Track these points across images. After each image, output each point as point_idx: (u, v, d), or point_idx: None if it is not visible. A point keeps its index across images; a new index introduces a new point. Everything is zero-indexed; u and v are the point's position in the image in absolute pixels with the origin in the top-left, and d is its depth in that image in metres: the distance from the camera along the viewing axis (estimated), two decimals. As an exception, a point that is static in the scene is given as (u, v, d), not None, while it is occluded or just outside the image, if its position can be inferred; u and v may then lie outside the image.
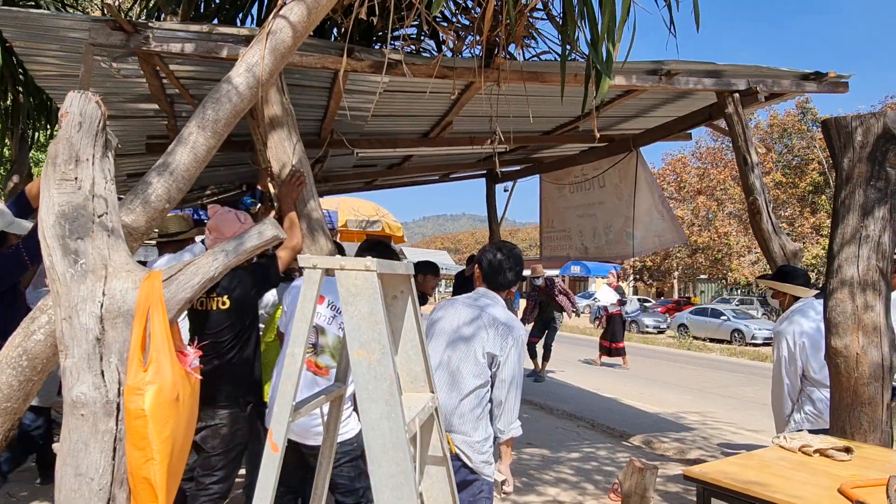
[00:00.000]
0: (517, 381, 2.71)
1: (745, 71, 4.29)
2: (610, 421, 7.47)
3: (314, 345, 2.90)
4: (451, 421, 2.68)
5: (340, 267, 1.41)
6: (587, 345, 20.42)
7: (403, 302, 1.77)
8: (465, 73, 3.61)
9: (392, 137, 5.63)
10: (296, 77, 4.25)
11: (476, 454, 2.68)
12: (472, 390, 2.68)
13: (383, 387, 1.38)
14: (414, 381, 1.78)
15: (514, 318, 2.83)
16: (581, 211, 7.26)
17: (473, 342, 2.70)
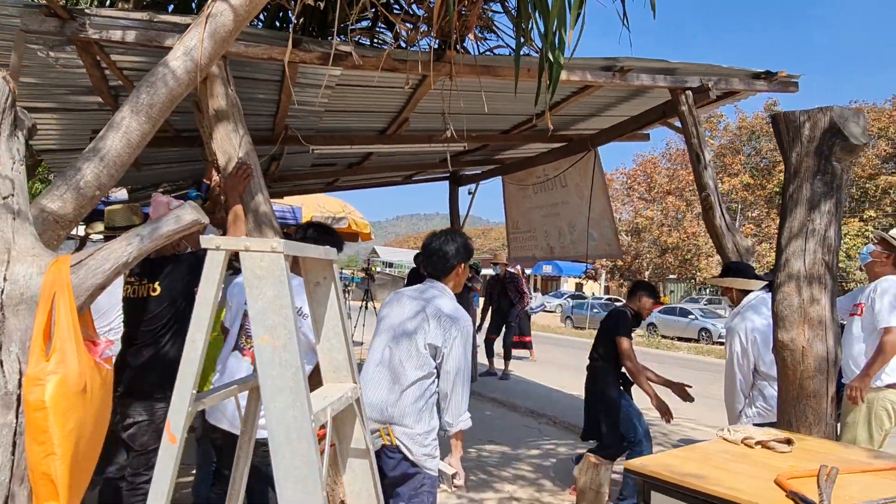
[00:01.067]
0: (463, 372, 2.67)
1: (698, 69, 4.30)
2: (572, 418, 7.45)
3: None
4: (392, 413, 2.63)
5: (245, 248, 1.33)
6: (558, 344, 20.52)
7: (326, 288, 1.70)
8: (416, 66, 3.52)
9: (348, 134, 5.54)
10: (246, 70, 4.13)
11: (418, 447, 2.63)
12: (413, 382, 2.64)
13: (288, 374, 1.30)
14: (336, 371, 1.71)
15: (459, 309, 2.77)
16: (545, 211, 7.24)
17: (416, 334, 2.67)
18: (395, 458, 2.65)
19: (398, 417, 2.63)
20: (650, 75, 4.23)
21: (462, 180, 9.87)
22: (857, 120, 3.15)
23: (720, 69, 4.33)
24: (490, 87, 4.50)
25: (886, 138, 27.44)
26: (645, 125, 4.96)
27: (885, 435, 3.68)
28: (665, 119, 4.58)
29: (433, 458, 2.69)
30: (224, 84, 3.44)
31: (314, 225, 3.10)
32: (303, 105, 4.65)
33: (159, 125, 2.97)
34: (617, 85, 4.20)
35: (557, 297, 40.77)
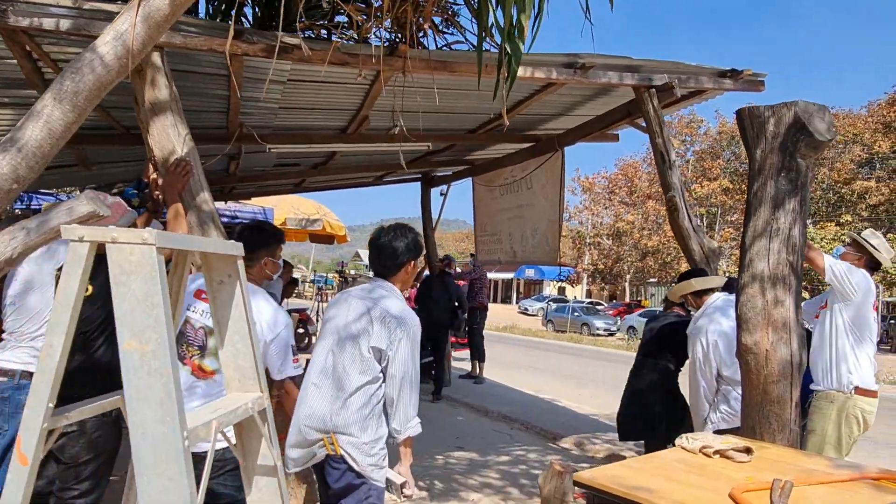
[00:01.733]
0: (410, 376, 2.51)
1: (663, 67, 4.20)
2: (545, 423, 7.33)
3: (201, 347, 2.65)
4: (336, 422, 2.47)
5: (112, 240, 1.16)
6: (536, 347, 20.44)
7: (231, 287, 1.53)
8: (368, 60, 3.37)
9: (307, 133, 5.36)
10: (193, 63, 3.96)
11: (364, 456, 2.47)
12: (357, 388, 2.48)
13: (158, 384, 1.14)
14: (242, 379, 1.54)
15: (406, 310, 2.61)
16: (511, 213, 7.11)
17: (360, 337, 2.51)
18: (339, 469, 2.50)
19: (343, 426, 2.47)
20: (613, 72, 4.11)
21: (434, 181, 9.73)
22: (822, 115, 3.05)
23: (686, 67, 4.23)
24: (451, 85, 4.37)
25: (861, 143, 27.73)
26: (611, 124, 4.84)
27: (853, 442, 3.58)
28: (630, 118, 4.47)
29: (380, 469, 2.53)
30: (162, 76, 3.27)
31: (249, 227, 2.91)
32: (255, 101, 4.48)
33: (87, 114, 2.78)
34: (579, 82, 4.08)
35: (539, 300, 40.76)
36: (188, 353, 2.66)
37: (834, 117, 24.96)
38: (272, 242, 2.87)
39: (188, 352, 2.66)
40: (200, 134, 5.24)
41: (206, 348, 2.64)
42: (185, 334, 2.68)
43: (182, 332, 2.69)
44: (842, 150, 28.51)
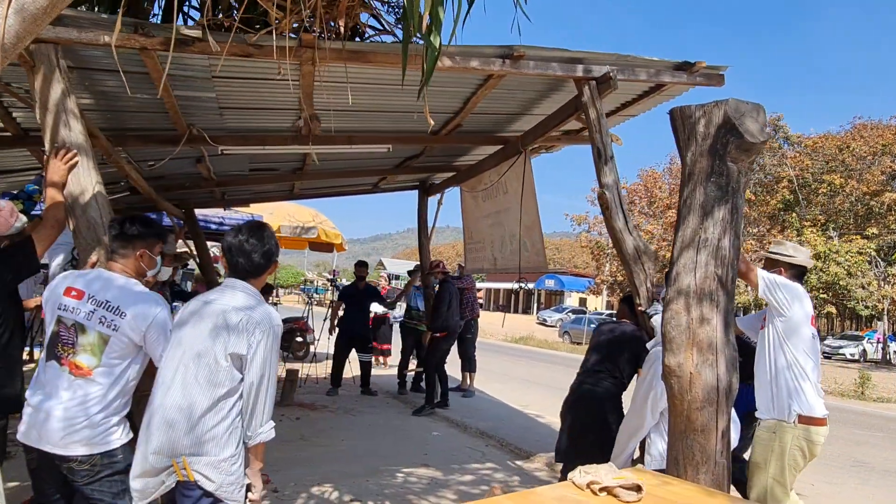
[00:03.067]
0: (268, 379, 2.34)
1: (607, 59, 3.96)
2: (522, 440, 7.03)
3: (73, 344, 2.52)
4: (187, 443, 2.26)
5: None
6: (545, 360, 20.04)
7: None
8: (276, 52, 3.19)
9: (261, 135, 5.21)
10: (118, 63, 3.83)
11: (223, 475, 2.27)
12: (215, 401, 2.28)
13: None
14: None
15: (267, 310, 2.41)
16: (492, 220, 6.85)
17: (215, 344, 2.30)
18: (191, 496, 2.29)
19: (197, 445, 2.26)
20: (552, 63, 3.89)
21: (431, 189, 9.53)
22: (755, 115, 2.76)
23: (633, 59, 3.99)
24: (390, 81, 4.18)
25: (891, 155, 26.82)
26: (562, 121, 4.60)
27: (799, 472, 3.24)
28: (578, 113, 4.23)
29: (239, 487, 2.33)
30: (56, 72, 3.15)
31: (132, 217, 2.75)
32: (194, 102, 4.34)
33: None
34: (515, 73, 3.87)
35: (559, 311, 40.26)
36: (64, 352, 2.54)
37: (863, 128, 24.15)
38: (150, 236, 2.73)
39: (64, 351, 2.54)
40: (147, 135, 5.14)
41: (79, 345, 2.52)
42: (59, 334, 2.56)
43: (56, 332, 2.57)
44: (871, 161, 27.61)
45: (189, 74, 3.85)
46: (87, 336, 2.52)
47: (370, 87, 4.39)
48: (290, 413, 7.78)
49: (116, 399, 2.55)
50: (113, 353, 2.52)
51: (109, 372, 2.52)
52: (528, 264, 5.85)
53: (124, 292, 2.57)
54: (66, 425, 2.44)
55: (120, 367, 2.55)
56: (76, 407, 2.46)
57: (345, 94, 4.05)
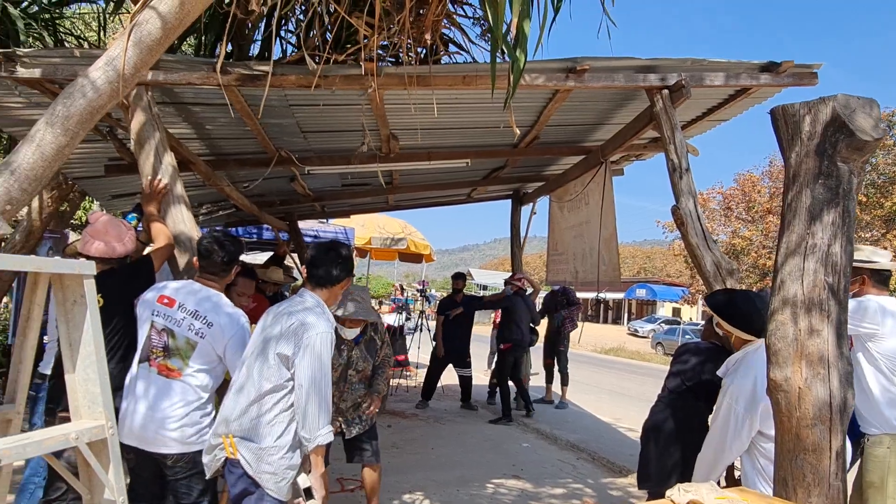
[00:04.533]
0: (319, 384, 2.48)
1: (679, 65, 3.80)
2: (615, 455, 6.83)
3: (164, 347, 2.79)
4: (236, 425, 2.49)
5: None
6: (636, 372, 19.41)
7: (82, 310, 1.46)
8: (337, 81, 3.38)
9: (345, 154, 5.39)
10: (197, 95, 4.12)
11: (259, 462, 2.45)
12: (260, 394, 2.48)
13: None
14: (91, 406, 1.45)
15: (317, 318, 2.57)
16: (574, 231, 6.72)
17: (269, 343, 2.53)
18: (235, 473, 2.51)
19: (242, 430, 2.49)
20: (618, 74, 3.81)
21: (524, 198, 9.48)
22: (868, 111, 2.56)
23: (707, 63, 3.81)
24: (467, 99, 4.23)
25: None
26: (639, 131, 4.43)
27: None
28: (653, 123, 4.07)
29: (279, 479, 2.48)
30: (146, 112, 3.46)
31: (221, 241, 2.97)
32: (278, 127, 4.58)
33: (80, 138, 2.88)
34: (578, 87, 3.81)
35: (651, 321, 38.91)
36: (153, 354, 2.79)
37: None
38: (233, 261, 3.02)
39: (153, 353, 2.79)
40: (242, 159, 5.44)
41: (169, 349, 2.77)
42: (150, 338, 2.81)
43: (148, 336, 2.82)
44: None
45: (269, 104, 4.07)
46: (175, 341, 2.77)
47: (445, 107, 4.46)
48: (382, 421, 7.92)
49: (203, 401, 2.78)
50: (199, 358, 2.76)
51: (196, 375, 2.76)
52: (604, 278, 5.70)
53: (212, 305, 2.82)
54: (158, 424, 2.68)
55: (206, 371, 2.79)
56: (167, 407, 2.70)
57: (421, 113, 4.15)
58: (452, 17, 3.69)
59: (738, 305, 3.14)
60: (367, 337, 4.04)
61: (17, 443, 1.26)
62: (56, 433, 1.33)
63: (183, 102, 4.20)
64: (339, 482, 5.37)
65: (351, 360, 3.95)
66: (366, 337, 4.03)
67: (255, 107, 4.02)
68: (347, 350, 3.93)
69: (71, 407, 1.45)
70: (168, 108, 4.26)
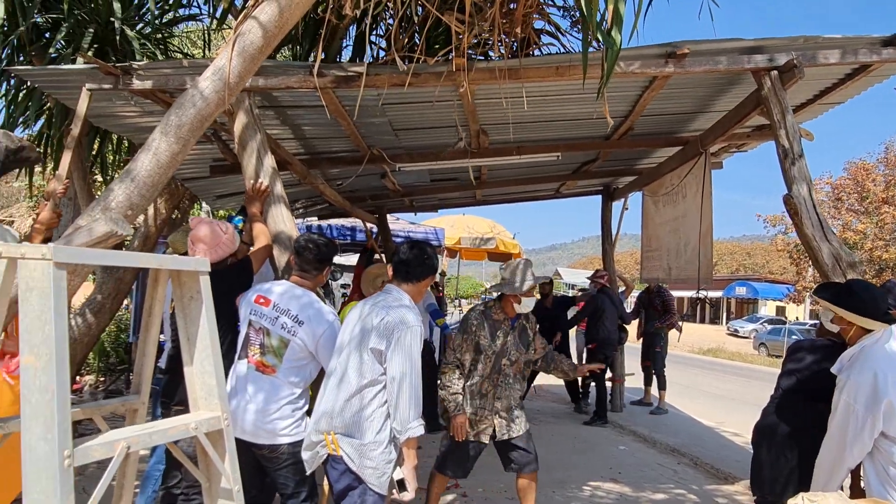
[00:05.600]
0: (410, 377, 2.52)
1: (790, 44, 3.54)
2: (719, 460, 6.50)
3: (261, 345, 2.93)
4: (337, 422, 2.55)
5: (21, 255, 1.20)
6: (740, 374, 18.47)
7: (198, 305, 1.52)
8: (431, 78, 3.39)
9: (434, 151, 5.43)
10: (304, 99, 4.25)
11: (363, 458, 2.50)
12: (357, 389, 2.54)
13: (43, 401, 1.14)
14: (208, 397, 1.51)
15: (406, 314, 2.61)
16: (669, 227, 6.43)
17: (362, 339, 2.59)
18: (338, 469, 2.56)
19: (344, 426, 2.54)
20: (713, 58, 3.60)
21: (615, 194, 9.23)
22: None
23: (821, 40, 3.51)
24: (558, 90, 4.14)
25: None
26: (744, 117, 4.15)
27: None
28: (760, 108, 3.79)
29: (380, 474, 2.53)
30: (248, 116, 3.59)
31: (316, 242, 3.06)
32: (370, 126, 4.66)
33: (191, 145, 3.05)
34: (676, 73, 3.62)
35: (752, 321, 36.92)
36: (251, 351, 2.93)
37: None
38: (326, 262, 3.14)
39: (251, 350, 2.93)
40: (337, 157, 5.59)
41: (264, 346, 2.90)
42: (249, 336, 2.96)
43: (247, 334, 2.97)
44: None
45: (362, 104, 4.15)
46: (270, 339, 2.90)
47: (535, 100, 4.38)
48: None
49: (295, 395, 2.89)
50: (292, 355, 2.86)
51: (290, 371, 2.87)
52: (702, 275, 5.40)
53: (303, 304, 2.92)
54: (255, 417, 2.81)
55: (299, 367, 2.90)
56: (264, 401, 2.83)
57: (511, 107, 4.10)
58: (542, 10, 3.62)
59: (859, 293, 2.91)
60: (520, 324, 3.82)
61: (144, 431, 1.32)
62: (178, 423, 1.39)
63: (281, 106, 4.37)
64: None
65: (505, 347, 3.73)
66: (519, 323, 3.82)
67: (349, 107, 4.11)
68: (503, 335, 3.73)
69: (190, 398, 1.51)
70: (268, 112, 4.44)
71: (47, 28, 5.09)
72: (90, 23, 4.90)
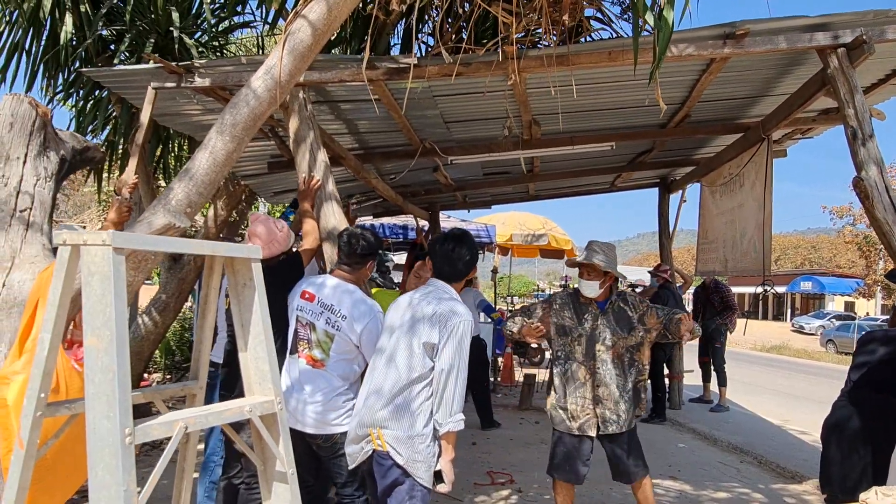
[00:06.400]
0: (457, 371, 2.50)
1: (859, 19, 3.35)
2: (785, 459, 6.26)
3: (308, 340, 3.00)
4: (383, 416, 2.53)
5: (84, 242, 1.25)
6: (807, 371, 17.75)
7: (252, 291, 1.55)
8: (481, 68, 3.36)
9: (487, 143, 5.41)
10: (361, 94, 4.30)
11: (410, 451, 2.48)
12: (408, 384, 2.52)
13: (105, 380, 1.18)
14: (262, 382, 1.55)
15: (457, 306, 2.61)
16: (726, 217, 6.20)
17: (412, 333, 2.57)
18: (385, 465, 2.53)
19: (389, 420, 2.52)
20: (774, 37, 3.43)
21: (672, 186, 9.00)
22: None
23: (890, 14, 3.31)
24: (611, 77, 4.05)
25: None
26: (808, 99, 3.95)
27: None
28: (826, 89, 3.60)
29: (428, 467, 2.50)
30: (303, 111, 3.65)
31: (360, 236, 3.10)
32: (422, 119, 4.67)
33: (245, 143, 3.12)
34: (735, 55, 3.48)
35: (819, 317, 35.45)
36: (301, 346, 2.99)
37: None
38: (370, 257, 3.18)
39: (300, 345, 2.99)
40: (390, 152, 5.64)
41: (311, 341, 2.95)
42: (297, 331, 3.02)
43: (296, 329, 3.03)
44: None
45: (413, 97, 4.15)
46: (317, 333, 2.95)
47: (586, 88, 4.31)
48: (530, 416, 7.87)
49: (345, 387, 2.94)
50: (338, 348, 2.91)
51: (338, 365, 2.91)
52: (753, 266, 5.20)
53: (346, 298, 2.96)
54: (309, 408, 2.88)
55: (347, 361, 2.94)
56: (315, 393, 2.89)
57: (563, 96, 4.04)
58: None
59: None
60: (613, 306, 3.59)
61: (201, 413, 1.36)
62: (233, 406, 1.42)
63: (334, 100, 4.43)
64: (489, 475, 5.39)
65: (597, 331, 3.53)
66: (612, 305, 3.59)
67: (401, 100, 4.14)
68: (591, 319, 3.56)
69: (245, 384, 1.54)
70: (322, 107, 4.52)
71: (112, 40, 5.32)
72: (151, 33, 5.09)
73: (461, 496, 4.78)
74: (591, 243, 3.65)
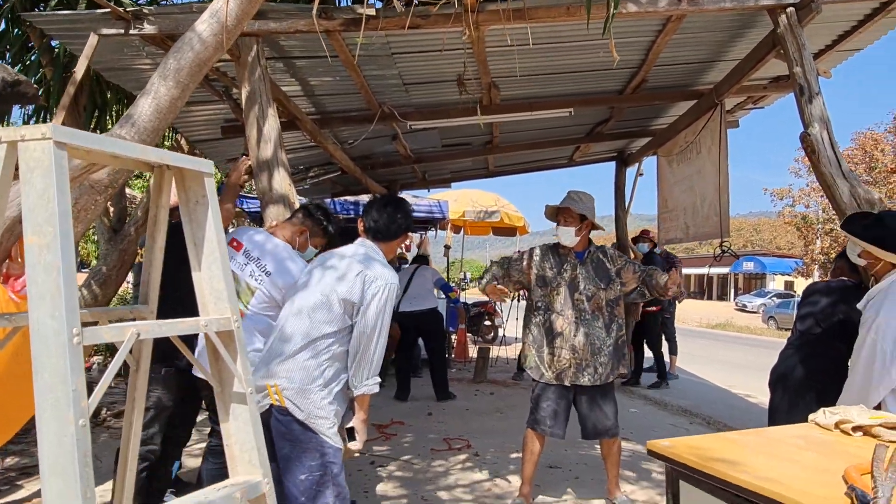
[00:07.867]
0: (378, 333, 2.44)
1: None
2: (731, 419, 6.49)
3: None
4: (284, 367, 2.41)
5: (21, 138, 1.16)
6: (750, 344, 18.45)
7: (204, 209, 1.49)
8: (439, 20, 3.33)
9: (446, 108, 5.37)
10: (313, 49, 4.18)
11: (311, 406, 2.37)
12: (316, 339, 2.41)
13: (49, 279, 1.11)
14: (217, 302, 1.49)
15: (384, 268, 2.55)
16: (685, 185, 6.34)
17: (333, 288, 2.46)
18: (283, 420, 2.40)
19: (288, 373, 2.40)
20: None
21: (629, 159, 9.12)
22: None
23: None
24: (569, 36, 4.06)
25: None
26: (759, 61, 4.07)
27: None
28: (776, 49, 3.72)
29: (330, 424, 2.40)
30: (255, 64, 3.55)
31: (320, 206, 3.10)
32: (380, 80, 4.59)
33: (190, 90, 3.00)
34: (689, 12, 3.55)
35: (761, 295, 36.84)
36: None
37: None
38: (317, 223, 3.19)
39: None
40: (346, 116, 5.53)
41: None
42: None
43: None
44: None
45: (371, 53, 4.06)
46: (238, 284, 2.88)
47: (545, 47, 4.31)
48: (485, 389, 7.94)
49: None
50: (258, 303, 2.87)
51: (255, 319, 2.86)
52: (715, 229, 5.35)
53: (273, 254, 2.92)
54: None
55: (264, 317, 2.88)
56: None
57: (522, 56, 4.03)
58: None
59: (888, 225, 2.82)
60: (592, 256, 3.63)
61: (155, 323, 1.30)
62: (189, 320, 1.36)
63: (290, 56, 4.30)
64: (445, 441, 5.41)
65: (576, 280, 3.54)
66: (591, 255, 3.62)
67: (359, 56, 4.06)
68: (570, 269, 3.57)
69: (199, 304, 1.48)
70: (277, 64, 4.38)
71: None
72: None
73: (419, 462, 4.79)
74: (569, 192, 3.66)
